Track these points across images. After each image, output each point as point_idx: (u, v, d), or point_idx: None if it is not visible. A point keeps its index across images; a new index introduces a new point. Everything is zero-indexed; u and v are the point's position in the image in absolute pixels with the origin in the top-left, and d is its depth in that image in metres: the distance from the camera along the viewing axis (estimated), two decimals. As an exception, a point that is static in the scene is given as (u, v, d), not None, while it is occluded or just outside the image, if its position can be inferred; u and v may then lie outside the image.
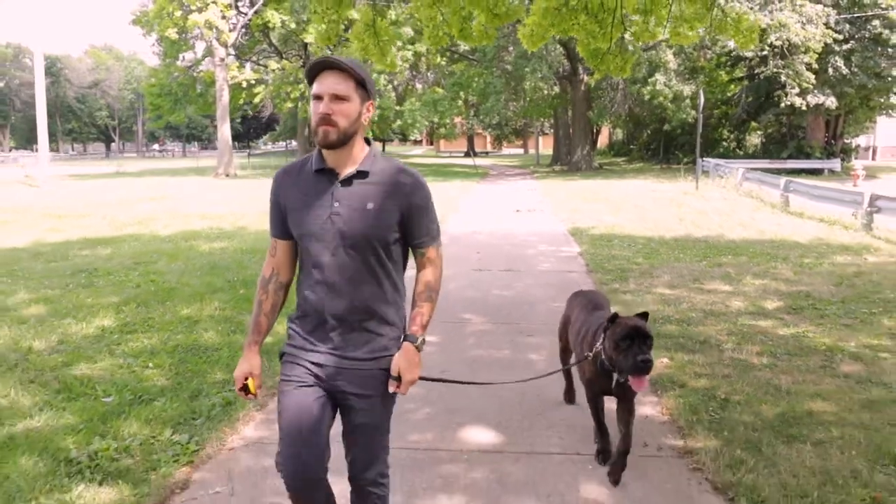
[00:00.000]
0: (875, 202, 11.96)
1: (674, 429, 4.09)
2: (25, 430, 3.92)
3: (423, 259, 2.35)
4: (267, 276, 2.38)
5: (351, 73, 2.16)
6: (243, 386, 2.33)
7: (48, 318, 6.38)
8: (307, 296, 2.28)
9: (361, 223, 2.20)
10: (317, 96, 2.15)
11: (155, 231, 12.56)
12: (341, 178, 2.23)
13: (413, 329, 2.30)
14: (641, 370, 2.99)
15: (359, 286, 2.24)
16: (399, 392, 2.27)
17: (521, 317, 6.66)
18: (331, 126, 2.14)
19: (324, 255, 2.22)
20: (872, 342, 5.70)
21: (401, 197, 2.24)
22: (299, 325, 2.33)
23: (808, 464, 3.56)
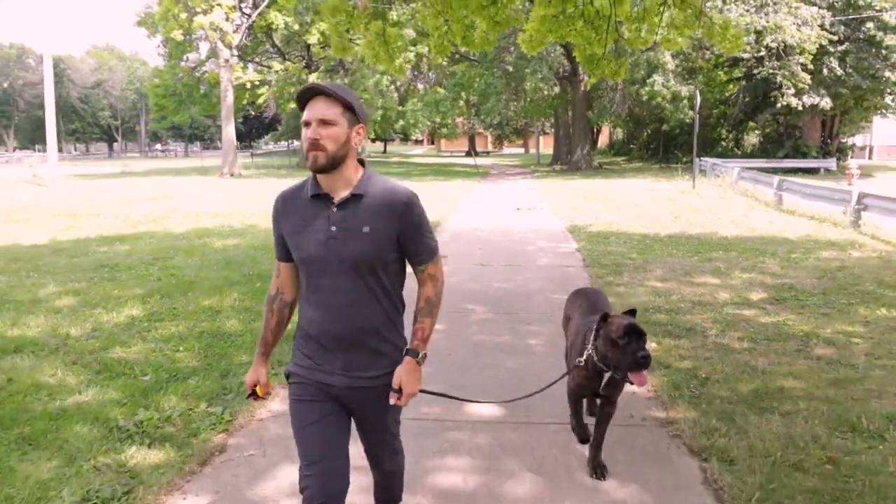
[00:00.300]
0: (862, 200, 12.40)
1: (657, 403, 4.54)
2: (76, 403, 4.38)
3: (424, 275, 2.41)
4: (272, 294, 2.48)
5: (337, 99, 2.23)
6: (252, 392, 2.54)
7: (79, 308, 6.84)
8: (310, 317, 2.36)
9: (358, 246, 2.25)
10: (306, 122, 2.23)
11: (168, 229, 13.04)
12: (336, 202, 2.28)
13: (414, 343, 2.36)
14: (641, 366, 3.03)
15: (358, 307, 2.30)
16: (399, 404, 2.34)
17: (520, 307, 7.11)
18: (319, 151, 2.19)
19: (323, 277, 2.29)
20: (847, 329, 6.15)
21: (396, 218, 2.30)
22: (303, 345, 2.41)
23: (774, 431, 4.01)
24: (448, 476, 3.57)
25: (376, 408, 2.40)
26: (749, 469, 3.56)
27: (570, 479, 3.54)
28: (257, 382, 2.50)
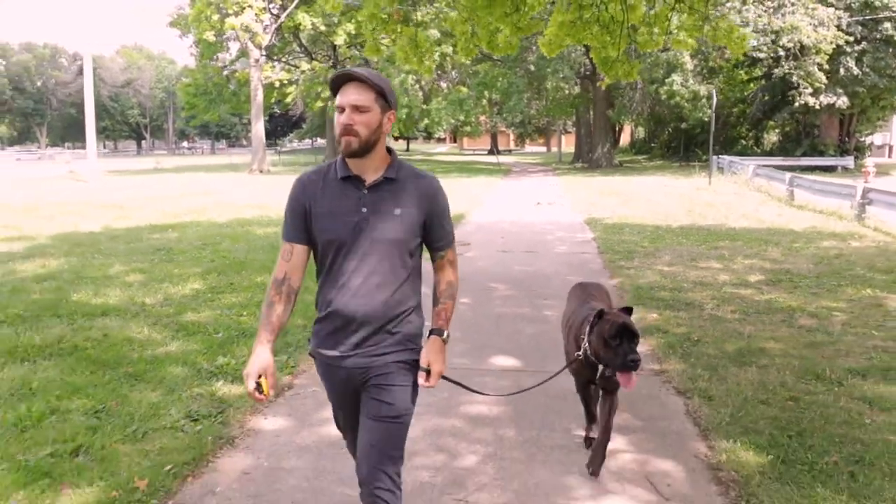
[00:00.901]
0: (867, 195, 13.01)
1: (654, 358, 5.31)
2: (164, 353, 5.26)
3: (444, 261, 2.46)
4: (280, 278, 2.37)
5: (371, 85, 2.24)
6: (257, 385, 2.26)
7: (148, 283, 7.75)
8: (332, 299, 2.33)
9: (390, 229, 2.29)
10: (339, 108, 2.24)
11: (211, 219, 13.99)
12: (368, 185, 2.31)
13: (439, 323, 2.40)
14: (630, 368, 3.07)
15: (384, 289, 2.31)
16: (427, 385, 2.36)
17: (539, 286, 7.89)
18: (352, 136, 2.22)
19: (351, 259, 2.29)
20: (831, 305, 6.87)
21: (425, 202, 2.35)
22: (322, 325, 2.39)
23: (749, 378, 4.78)
24: (478, 406, 4.38)
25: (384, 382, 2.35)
26: (723, 403, 4.33)
27: (575, 407, 4.33)
28: (263, 373, 2.26)
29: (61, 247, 10.47)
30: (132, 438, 3.82)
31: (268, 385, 2.26)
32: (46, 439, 3.75)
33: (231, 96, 43.06)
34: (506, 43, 9.11)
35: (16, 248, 10.42)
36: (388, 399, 2.33)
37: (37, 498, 3.17)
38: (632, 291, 7.48)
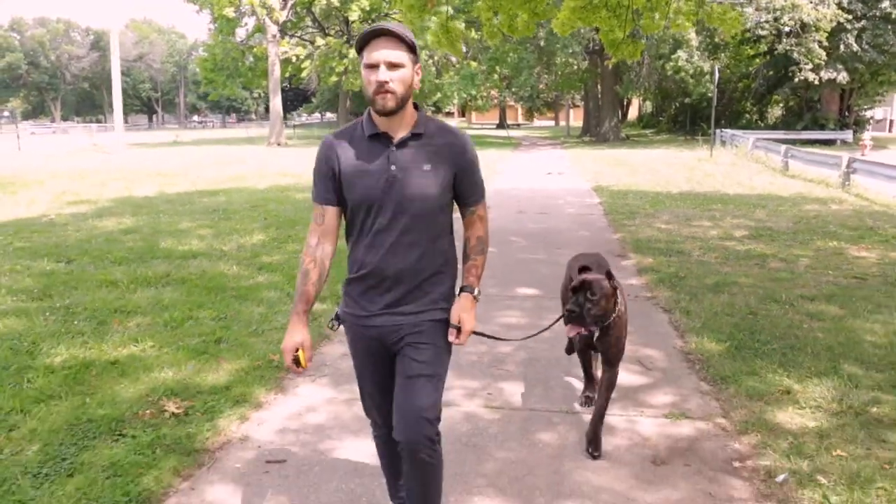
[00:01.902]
0: (852, 164, 14.19)
1: (646, 288, 6.61)
2: (255, 283, 6.59)
3: (474, 216, 2.43)
4: (313, 244, 2.36)
5: (403, 40, 2.18)
6: (294, 359, 2.31)
7: (218, 235, 9.08)
8: (363, 258, 2.31)
9: (420, 185, 2.25)
10: (372, 65, 2.16)
11: (250, 185, 15.31)
12: (396, 142, 2.26)
13: (469, 280, 2.38)
14: (567, 318, 3.14)
15: (416, 246, 2.29)
16: (458, 342, 2.35)
17: (552, 238, 9.18)
18: (389, 93, 2.16)
19: (382, 217, 2.26)
20: (799, 253, 8.14)
21: (454, 157, 2.32)
22: (354, 286, 2.37)
23: (721, 301, 6.07)
24: (508, 318, 5.70)
25: (418, 341, 2.34)
26: (698, 316, 5.63)
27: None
28: (300, 347, 2.32)
29: (125, 208, 11.80)
30: (254, 334, 5.15)
31: (304, 358, 2.31)
32: (193, 334, 5.09)
33: (247, 71, 44.14)
34: (524, 26, 10.29)
35: (84, 210, 11.74)
36: (422, 358, 2.32)
37: (204, 365, 4.49)
38: (632, 244, 8.77)
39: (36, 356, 4.55)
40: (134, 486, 3.03)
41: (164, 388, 4.07)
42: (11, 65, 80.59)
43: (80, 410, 3.75)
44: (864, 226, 9.88)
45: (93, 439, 3.46)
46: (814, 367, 4.46)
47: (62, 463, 3.23)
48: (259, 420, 3.79)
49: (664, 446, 3.52)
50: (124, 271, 6.93)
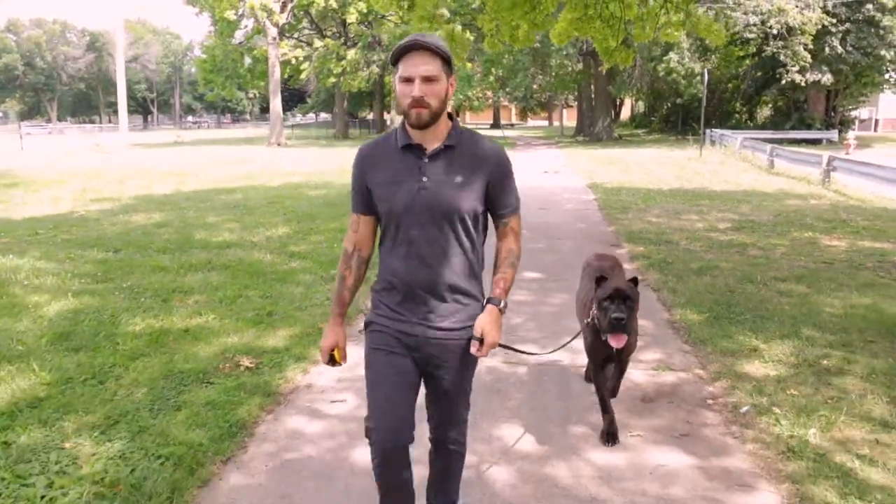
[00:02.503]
0: (832, 162, 15.05)
1: (638, 272, 7.42)
2: (290, 269, 7.38)
3: (507, 228, 2.42)
4: (350, 251, 2.43)
5: (438, 53, 2.20)
6: (330, 357, 2.47)
7: (245, 228, 9.86)
8: (395, 268, 2.34)
9: (450, 196, 2.26)
10: (407, 78, 2.19)
11: (263, 183, 16.08)
12: (429, 153, 2.28)
13: (496, 292, 2.35)
14: (614, 327, 3.14)
15: (447, 258, 2.30)
16: (480, 354, 2.32)
17: (552, 230, 9.99)
18: (423, 108, 2.19)
19: (413, 228, 2.28)
20: (777, 242, 8.97)
21: (487, 169, 2.31)
22: (386, 296, 2.39)
23: (704, 282, 6.89)
24: (517, 297, 6.50)
25: (452, 361, 2.39)
26: (682, 294, 6.44)
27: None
28: (336, 346, 2.44)
29: (148, 205, 12.55)
30: (299, 309, 5.93)
31: (340, 356, 2.47)
32: (246, 308, 5.87)
33: (246, 72, 44.86)
34: (524, 36, 11.10)
35: (110, 207, 12.49)
36: (451, 375, 2.40)
37: (262, 332, 5.28)
38: (625, 235, 9.59)
39: (118, 326, 5.33)
40: (231, 416, 3.82)
41: (234, 348, 4.86)
42: (8, 66, 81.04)
43: (169, 365, 4.54)
44: (837, 218, 10.73)
45: (187, 385, 4.25)
46: (778, 331, 5.29)
47: (168, 401, 4.02)
48: (318, 372, 4.58)
49: (652, 390, 4.33)
50: (170, 259, 7.71)
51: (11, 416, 3.77)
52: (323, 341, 2.47)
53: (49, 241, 8.93)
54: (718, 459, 3.48)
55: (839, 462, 3.35)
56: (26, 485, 3.10)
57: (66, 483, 3.11)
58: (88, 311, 5.69)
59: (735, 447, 3.61)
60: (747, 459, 3.47)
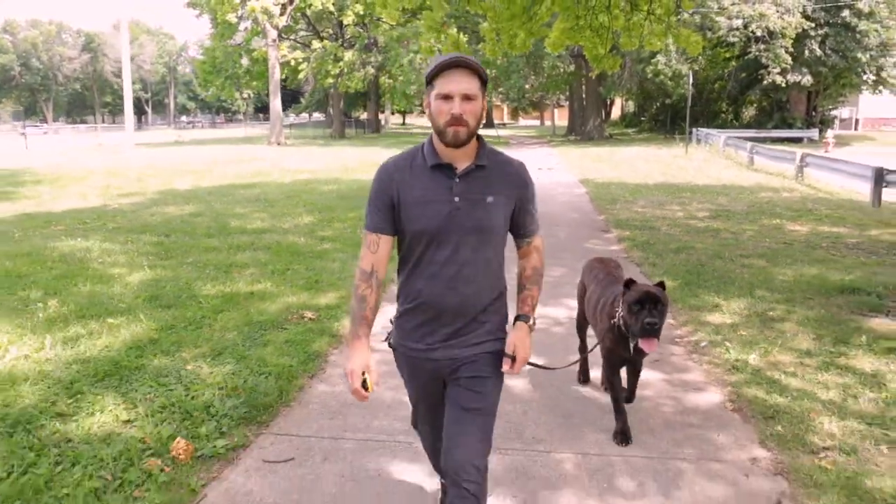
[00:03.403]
0: (805, 159, 16.28)
1: (624, 251, 8.59)
2: (323, 250, 8.50)
3: (530, 247, 2.43)
4: (368, 270, 2.32)
5: (477, 73, 2.18)
6: (362, 382, 2.27)
7: (273, 217, 10.97)
8: (420, 289, 2.30)
9: (482, 216, 2.24)
10: (446, 96, 2.16)
11: (275, 180, 17.17)
12: (459, 173, 2.25)
13: (525, 309, 2.38)
14: (648, 332, 3.13)
15: (475, 279, 2.28)
16: (511, 371, 2.33)
17: (548, 219, 11.13)
18: (462, 126, 2.16)
19: (443, 249, 2.24)
20: (747, 227, 10.16)
21: (515, 189, 2.32)
22: (408, 318, 2.37)
23: (679, 258, 8.06)
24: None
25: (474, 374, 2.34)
26: (661, 267, 7.61)
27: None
28: (366, 370, 2.28)
29: (175, 199, 13.63)
30: (340, 279, 7.05)
31: (371, 382, 2.28)
32: (296, 278, 7.00)
33: (244, 73, 45.91)
34: (521, 44, 12.25)
35: (139, 200, 13.56)
36: (479, 390, 2.33)
37: (315, 294, 6.41)
38: (613, 222, 10.76)
39: (194, 290, 6.46)
40: (308, 349, 4.96)
41: (295, 306, 6.00)
42: (4, 66, 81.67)
43: (247, 317, 5.66)
44: (804, 208, 11.94)
45: (266, 330, 5.38)
46: (737, 293, 6.47)
47: (255, 340, 5.15)
48: (366, 322, 5.71)
49: (632, 333, 5.49)
50: (217, 241, 8.84)
51: (139, 349, 4.89)
52: (352, 364, 2.28)
53: (99, 228, 10.02)
54: (680, 375, 4.65)
55: (769, 375, 4.52)
56: (170, 389, 4.22)
57: (199, 388, 4.24)
58: (165, 280, 6.81)
59: (693, 367, 4.78)
60: (702, 374, 4.64)
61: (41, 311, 5.71)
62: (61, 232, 9.65)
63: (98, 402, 4.00)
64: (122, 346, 4.90)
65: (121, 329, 5.29)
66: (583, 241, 9.29)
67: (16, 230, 9.88)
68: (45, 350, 4.83)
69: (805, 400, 4.13)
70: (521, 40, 12.30)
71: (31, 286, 6.51)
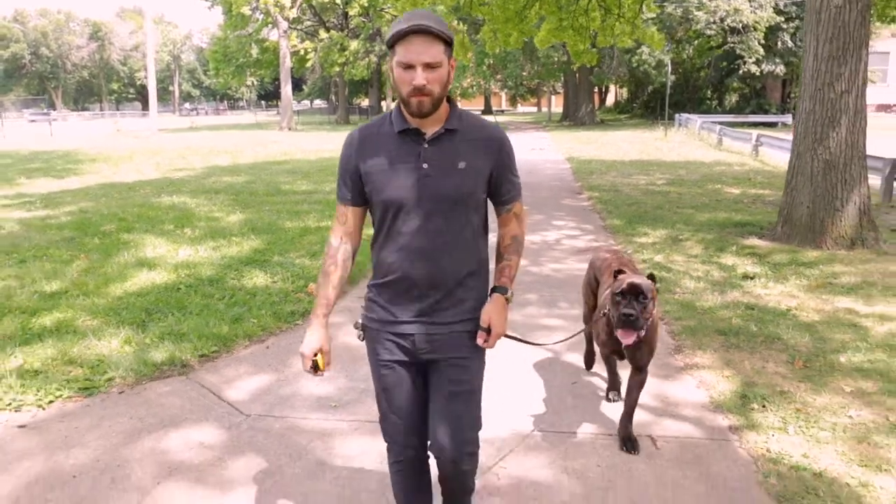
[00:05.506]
0: (759, 139, 18.90)
1: (591, 206, 11.21)
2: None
3: (509, 215, 2.30)
4: (335, 244, 2.25)
5: (441, 36, 1.99)
6: (313, 363, 2.21)
7: (315, 183, 13.58)
8: (391, 262, 2.18)
9: (454, 183, 2.11)
10: (407, 65, 1.98)
11: (301, 158, 19.77)
12: (428, 138, 2.11)
13: (502, 281, 2.26)
14: (624, 323, 3.03)
15: (449, 250, 2.16)
16: (486, 346, 2.24)
17: (535, 186, 13.76)
18: (425, 96, 2.01)
19: (412, 219, 2.12)
20: (693, 190, 12.78)
21: (490, 153, 2.17)
22: (380, 292, 2.24)
23: (630, 209, 10.69)
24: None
25: (455, 356, 2.23)
26: (616, 214, 10.25)
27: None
28: (319, 351, 2.21)
29: (223, 172, 16.22)
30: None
31: (324, 362, 2.22)
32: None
33: (254, 62, 48.39)
34: (515, 41, 14.86)
35: (192, 174, 16.14)
36: (461, 375, 2.24)
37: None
38: (587, 187, 13.38)
39: (278, 225, 9.08)
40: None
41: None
42: (15, 55, 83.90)
43: (323, 238, 8.28)
44: (745, 177, 14.59)
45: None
46: (662, 227, 9.14)
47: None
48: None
49: (583, 247, 8.13)
50: (277, 199, 11.46)
51: (261, 252, 7.53)
52: (305, 345, 2.22)
53: (178, 191, 12.63)
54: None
55: (666, 265, 7.17)
56: (291, 269, 6.84)
57: (308, 269, 6.86)
58: (255, 219, 9.46)
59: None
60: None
61: (182, 236, 8.35)
62: (150, 194, 12.27)
63: (251, 274, 6.65)
64: (249, 251, 7.56)
65: (242, 243, 7.93)
66: (560, 200, 11.92)
67: (113, 193, 12.49)
68: (200, 253, 7.48)
69: (681, 275, 6.79)
70: (515, 38, 14.92)
71: (163, 223, 9.16)
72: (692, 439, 3.54)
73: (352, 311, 5.60)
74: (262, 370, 4.44)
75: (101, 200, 11.44)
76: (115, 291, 6.01)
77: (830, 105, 7.75)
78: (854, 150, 7.78)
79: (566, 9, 14.50)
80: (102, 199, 11.66)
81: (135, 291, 6.03)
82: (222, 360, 4.62)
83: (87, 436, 3.57)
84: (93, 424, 3.69)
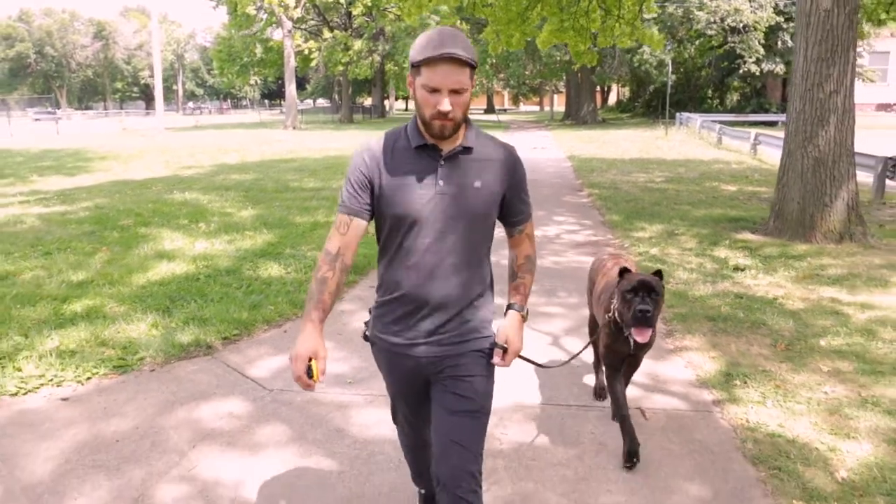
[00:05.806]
0: (758, 137, 19.20)
1: (590, 202, 11.54)
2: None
3: (522, 235, 2.29)
4: (333, 252, 2.14)
5: (468, 63, 1.97)
6: (307, 369, 2.04)
7: (323, 180, 13.92)
8: (399, 280, 2.14)
9: (469, 203, 2.09)
10: (432, 88, 1.97)
11: (307, 156, 20.11)
12: (444, 155, 2.08)
13: (517, 298, 2.26)
14: (640, 321, 2.93)
15: (460, 269, 2.13)
16: (502, 364, 2.20)
17: (538, 182, 14.07)
18: (448, 121, 2.01)
19: (425, 236, 2.08)
20: (691, 188, 13.09)
21: (505, 173, 2.17)
22: (387, 309, 2.20)
23: (629, 205, 11.01)
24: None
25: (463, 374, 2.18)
26: (615, 210, 10.57)
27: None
28: (314, 356, 2.06)
29: (231, 170, 16.55)
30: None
31: (318, 370, 2.06)
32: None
33: (259, 62, 48.75)
34: (517, 42, 15.17)
35: (200, 172, 16.47)
36: (467, 393, 2.17)
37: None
38: (587, 184, 13.71)
39: (289, 220, 9.41)
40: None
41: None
42: (20, 54, 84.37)
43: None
44: (743, 175, 14.90)
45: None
46: (659, 222, 9.46)
47: (342, 243, 8.13)
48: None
49: (582, 241, 8.45)
50: (287, 195, 11.80)
51: (274, 245, 7.87)
52: (298, 348, 2.06)
53: (189, 188, 12.97)
54: (607, 258, 7.63)
55: (660, 258, 7.49)
56: (303, 261, 7.17)
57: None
58: (266, 214, 9.79)
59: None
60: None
61: (197, 230, 8.69)
62: (162, 191, 12.61)
63: (266, 265, 6.98)
64: (262, 244, 7.90)
65: (256, 237, 8.27)
66: (561, 197, 12.25)
67: (126, 189, 12.85)
68: (216, 246, 7.82)
69: (675, 267, 7.12)
70: (517, 39, 15.22)
71: (178, 218, 9.50)
72: (678, 411, 3.87)
73: (363, 300, 5.93)
74: (281, 351, 4.77)
75: (116, 197, 11.78)
76: (139, 281, 6.36)
77: (819, 105, 8.06)
78: (842, 147, 8.10)
79: (567, 10, 14.82)
80: (116, 195, 12.01)
81: (157, 281, 6.37)
82: (244, 343, 4.96)
83: (124, 407, 3.91)
84: (129, 398, 4.03)
